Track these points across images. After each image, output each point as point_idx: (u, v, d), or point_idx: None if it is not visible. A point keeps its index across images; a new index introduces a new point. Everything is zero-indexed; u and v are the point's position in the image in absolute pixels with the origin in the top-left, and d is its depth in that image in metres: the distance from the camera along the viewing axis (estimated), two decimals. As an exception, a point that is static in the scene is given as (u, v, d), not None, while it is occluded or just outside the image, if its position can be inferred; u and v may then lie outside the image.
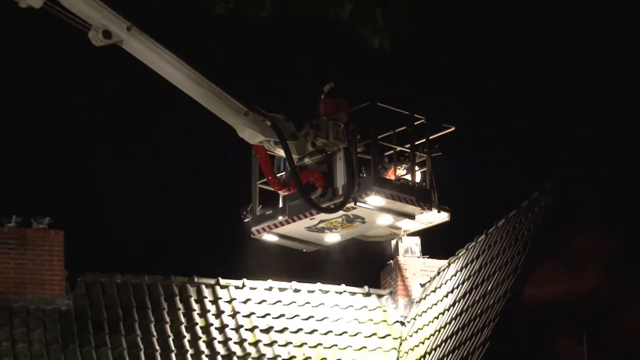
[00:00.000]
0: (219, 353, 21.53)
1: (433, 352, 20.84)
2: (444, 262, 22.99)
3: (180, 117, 22.91)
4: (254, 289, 23.06)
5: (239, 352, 21.67)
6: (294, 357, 21.86)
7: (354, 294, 23.32)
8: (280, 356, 21.80)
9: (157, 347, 21.36)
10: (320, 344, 22.15)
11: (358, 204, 21.39)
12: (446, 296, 21.75)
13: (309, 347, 22.12)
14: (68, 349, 21.00)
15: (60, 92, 36.59)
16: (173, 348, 21.40)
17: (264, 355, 21.79)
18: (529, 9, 31.19)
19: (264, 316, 22.48)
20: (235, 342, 21.76)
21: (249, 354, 21.73)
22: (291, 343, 22.07)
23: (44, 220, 22.32)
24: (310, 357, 21.89)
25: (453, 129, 22.29)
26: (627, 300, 19.51)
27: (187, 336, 21.63)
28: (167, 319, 21.94)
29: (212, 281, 23.01)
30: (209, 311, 22.35)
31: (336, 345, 22.17)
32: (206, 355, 21.45)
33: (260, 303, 22.80)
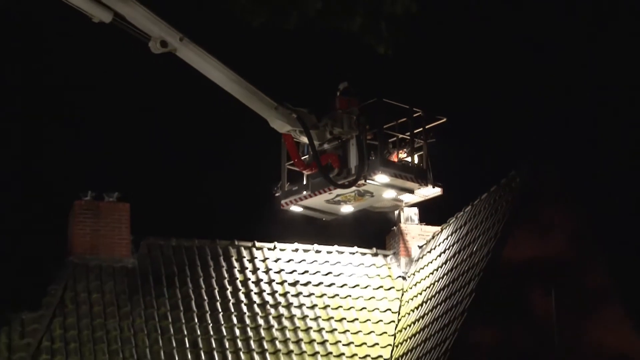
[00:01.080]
0: (255, 302, 21.74)
1: (429, 301, 20.93)
2: (438, 228, 23.07)
3: (222, 107, 23.03)
4: (283, 250, 23.24)
5: (271, 301, 21.88)
6: (316, 305, 21.96)
7: (364, 254, 23.50)
8: (304, 304, 21.93)
9: (205, 297, 21.57)
10: (337, 295, 22.31)
11: (367, 181, 21.55)
12: (439, 256, 21.87)
13: (328, 297, 22.25)
14: (133, 299, 21.29)
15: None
16: (218, 298, 21.59)
17: (291, 304, 21.94)
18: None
19: (291, 272, 22.69)
20: (268, 293, 22.02)
21: (279, 302, 21.90)
22: (313, 294, 22.28)
23: (114, 194, 22.50)
24: (329, 305, 21.98)
25: (445, 120, 22.39)
26: (588, 261, 19.65)
27: (229, 288, 21.90)
28: (213, 274, 22.15)
29: (249, 244, 23.15)
30: (246, 268, 22.55)
31: (350, 295, 22.34)
32: (245, 304, 21.66)
33: (288, 262, 22.99)
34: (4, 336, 20.81)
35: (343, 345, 21.20)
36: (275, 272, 22.64)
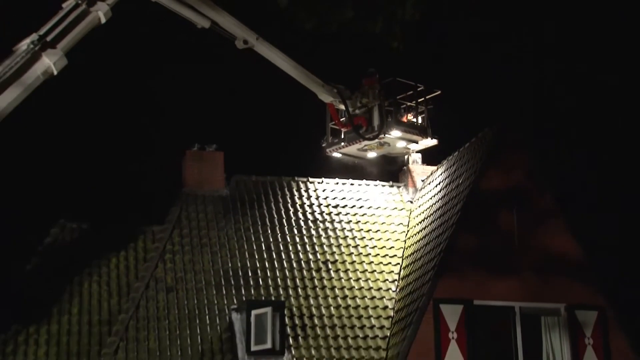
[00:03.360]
0: (308, 219, 21.91)
1: (428, 217, 21.06)
2: (435, 168, 22.99)
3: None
4: (328, 183, 23.26)
5: (319, 218, 22.01)
6: (350, 220, 22.06)
7: (383, 185, 23.52)
8: (342, 220, 22.05)
9: (275, 216, 21.76)
10: (365, 214, 22.39)
11: (386, 135, 21.79)
12: (436, 187, 21.90)
13: (359, 215, 22.35)
14: (226, 217, 21.48)
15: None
16: (284, 216, 21.76)
17: (334, 220, 22.07)
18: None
19: (334, 199, 22.79)
20: (318, 214, 22.19)
21: (325, 219, 22.03)
22: (349, 213, 22.37)
23: (213, 146, 22.52)
24: (359, 221, 22.07)
25: (439, 92, 22.47)
26: (538, 189, 19.56)
27: (291, 210, 22.08)
28: (280, 200, 22.32)
29: (305, 179, 23.22)
30: (303, 196, 22.67)
31: (374, 214, 22.45)
32: (302, 220, 21.84)
33: (332, 192, 23.04)
34: (140, 242, 21.46)
35: (370, 248, 21.36)
36: (322, 199, 22.73)
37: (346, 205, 22.62)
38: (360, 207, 22.62)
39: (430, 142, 22.52)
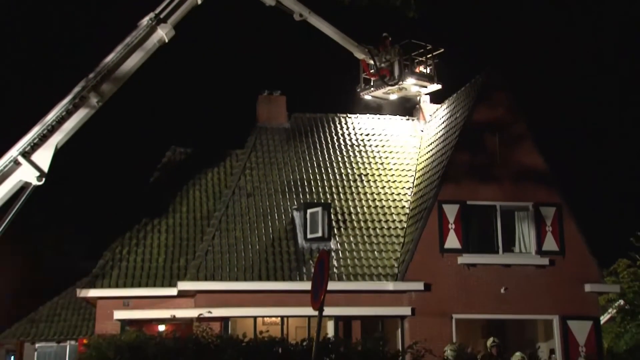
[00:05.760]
0: (347, 143, 21.47)
1: (435, 141, 20.54)
2: (439, 105, 22.29)
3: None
4: (362, 118, 22.54)
5: (355, 143, 21.52)
6: (378, 145, 21.68)
7: (401, 119, 22.82)
8: (372, 144, 21.66)
9: (323, 141, 21.43)
10: (389, 140, 21.91)
11: (403, 82, 21.71)
12: (440, 119, 21.30)
13: (384, 140, 21.87)
14: (289, 143, 20.91)
15: None
16: (329, 142, 21.44)
17: (366, 144, 21.59)
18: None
19: (365, 129, 22.21)
20: (354, 140, 21.69)
21: (360, 143, 21.58)
22: (376, 139, 21.88)
23: (278, 91, 22.06)
24: (384, 145, 21.63)
25: (443, 50, 22.04)
26: (516, 120, 19.02)
27: (335, 137, 21.67)
28: (327, 131, 21.85)
29: (344, 115, 22.59)
30: (343, 127, 22.16)
31: (395, 140, 21.92)
32: (342, 144, 21.41)
33: (364, 124, 22.40)
34: (228, 161, 21.86)
35: (392, 164, 21.11)
36: (357, 129, 22.22)
37: (374, 134, 22.29)
38: (385, 135, 22.28)
39: (436, 86, 22.30)
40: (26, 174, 15.37)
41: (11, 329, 21.94)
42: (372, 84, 22.39)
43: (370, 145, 21.91)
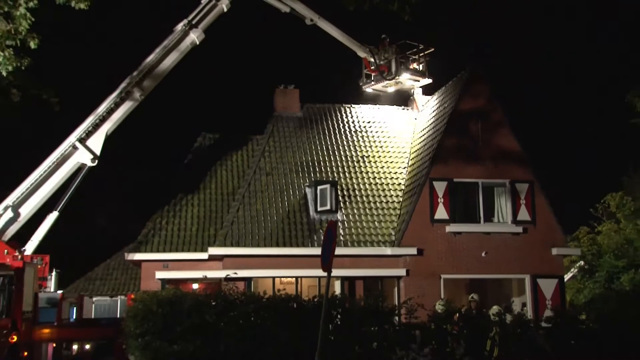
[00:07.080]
0: (352, 129, 21.22)
1: (427, 127, 20.27)
2: (430, 97, 22.01)
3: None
4: (364, 108, 22.22)
5: (358, 129, 21.28)
6: (377, 130, 21.41)
7: (398, 109, 22.51)
8: (373, 129, 21.37)
9: (331, 128, 21.18)
10: (387, 127, 21.59)
11: (400, 77, 21.54)
12: (431, 108, 21.03)
13: (383, 127, 21.60)
14: (301, 130, 20.71)
15: None
16: (336, 128, 21.17)
17: (368, 130, 21.34)
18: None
19: (367, 117, 21.93)
20: (357, 126, 21.44)
21: (362, 129, 21.33)
22: (376, 126, 21.60)
23: (292, 85, 21.88)
24: (384, 131, 21.37)
25: (433, 49, 21.87)
26: (495, 109, 18.59)
27: (341, 124, 21.40)
28: (334, 119, 21.55)
29: (349, 105, 22.18)
30: (348, 116, 21.87)
31: (392, 127, 21.59)
32: (347, 130, 21.18)
33: (366, 113, 22.10)
34: (250, 145, 21.69)
35: (390, 147, 20.85)
36: (360, 117, 21.93)
37: (375, 121, 22.05)
38: (384, 122, 22.05)
39: (427, 81, 22.13)
40: (82, 157, 15.96)
41: (73, 284, 22.47)
42: (372, 78, 22.24)
43: (371, 131, 21.76)
